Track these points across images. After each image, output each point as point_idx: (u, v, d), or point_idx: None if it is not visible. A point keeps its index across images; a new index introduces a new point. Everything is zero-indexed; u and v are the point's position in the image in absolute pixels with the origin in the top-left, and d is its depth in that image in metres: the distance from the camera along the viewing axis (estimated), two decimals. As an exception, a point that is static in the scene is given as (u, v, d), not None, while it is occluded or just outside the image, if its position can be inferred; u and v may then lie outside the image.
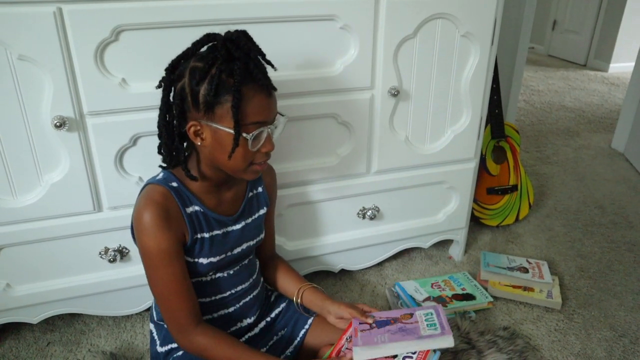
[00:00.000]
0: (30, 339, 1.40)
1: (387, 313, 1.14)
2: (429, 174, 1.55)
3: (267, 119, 0.96)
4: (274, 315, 1.23)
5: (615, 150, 2.76)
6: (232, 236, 1.10)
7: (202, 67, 0.91)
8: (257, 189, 1.18)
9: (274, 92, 0.97)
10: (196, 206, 1.04)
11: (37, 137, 1.14)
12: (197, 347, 1.02)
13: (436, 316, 1.10)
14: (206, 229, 1.05)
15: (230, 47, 0.92)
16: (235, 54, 0.91)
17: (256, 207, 1.17)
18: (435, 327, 1.05)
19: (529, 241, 1.90)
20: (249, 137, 0.94)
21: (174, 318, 1.01)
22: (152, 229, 0.96)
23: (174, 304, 1.00)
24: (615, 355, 1.36)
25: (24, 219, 1.21)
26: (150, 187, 1.01)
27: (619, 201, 2.20)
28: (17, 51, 1.05)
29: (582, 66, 4.73)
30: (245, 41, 0.94)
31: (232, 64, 0.91)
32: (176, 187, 1.02)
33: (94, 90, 1.13)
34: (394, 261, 1.75)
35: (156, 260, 0.98)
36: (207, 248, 1.05)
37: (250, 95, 0.92)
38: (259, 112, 0.94)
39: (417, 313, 1.12)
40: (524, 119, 3.24)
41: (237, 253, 1.12)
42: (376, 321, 1.10)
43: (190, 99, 0.94)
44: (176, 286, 1.00)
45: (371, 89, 1.36)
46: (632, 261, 1.77)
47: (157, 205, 0.97)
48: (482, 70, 1.45)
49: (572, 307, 1.54)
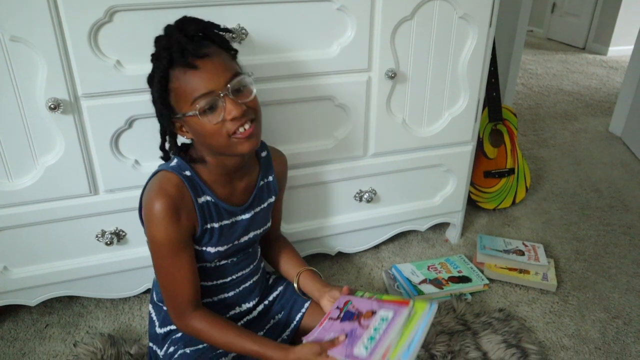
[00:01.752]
0: (28, 321, 1.41)
1: (363, 302, 1.08)
2: (426, 157, 1.55)
3: (208, 91, 0.92)
4: (271, 299, 1.24)
5: (613, 134, 2.76)
6: (240, 225, 1.10)
7: (150, 74, 0.96)
8: (267, 178, 1.17)
9: (207, 59, 0.92)
10: (208, 196, 1.03)
11: (32, 120, 1.14)
12: (192, 330, 1.03)
13: (386, 325, 0.99)
14: (216, 219, 1.05)
15: (162, 40, 0.94)
16: (163, 45, 0.93)
17: (266, 195, 1.16)
18: (373, 339, 0.97)
19: (525, 224, 1.90)
20: (197, 114, 0.92)
21: (174, 302, 1.03)
22: (162, 221, 0.96)
23: (176, 290, 1.01)
24: (608, 336, 1.38)
25: (20, 202, 1.21)
26: (164, 174, 1.00)
27: (615, 184, 2.20)
28: (9, 32, 1.04)
29: (581, 49, 4.71)
30: (173, 29, 0.94)
31: (160, 56, 0.93)
32: (189, 177, 1.01)
33: (88, 72, 1.12)
34: (390, 244, 1.76)
35: (163, 250, 0.98)
36: (215, 238, 1.05)
37: (181, 75, 0.92)
38: (196, 88, 0.92)
39: (379, 313, 1.03)
40: (521, 102, 3.23)
41: (243, 242, 1.12)
42: (345, 311, 1.07)
43: (159, 102, 0.97)
44: (181, 275, 1.01)
45: (368, 71, 1.36)
46: (627, 244, 1.78)
47: (169, 197, 0.96)
48: (480, 53, 1.44)
49: (567, 290, 1.55)
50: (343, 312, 1.06)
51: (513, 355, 1.26)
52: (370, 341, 0.97)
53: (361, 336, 0.98)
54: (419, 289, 1.49)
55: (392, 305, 1.03)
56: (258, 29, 1.02)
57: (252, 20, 1.00)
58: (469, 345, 1.29)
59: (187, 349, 1.06)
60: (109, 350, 1.25)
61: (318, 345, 0.98)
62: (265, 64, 1.24)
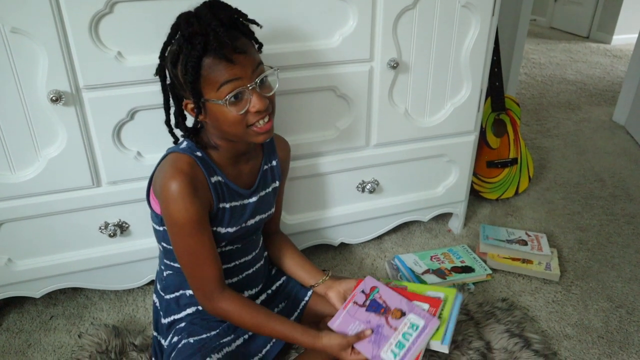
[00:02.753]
0: (33, 313, 1.42)
1: (391, 295, 1.09)
2: (429, 147, 1.54)
3: (236, 77, 0.94)
4: (274, 288, 1.25)
5: (617, 123, 2.75)
6: (248, 208, 1.11)
7: (175, 50, 0.94)
8: (271, 163, 1.18)
9: (242, 54, 0.94)
10: (219, 176, 1.05)
11: (34, 112, 1.14)
12: (222, 312, 1.04)
13: (416, 334, 1.01)
14: (227, 199, 1.06)
15: (193, 22, 0.92)
16: (197, 29, 0.91)
17: (270, 180, 1.18)
18: (402, 346, 0.99)
19: (528, 214, 1.90)
20: (224, 102, 0.94)
21: (200, 285, 1.03)
22: (181, 199, 0.96)
23: (201, 271, 1.02)
24: (611, 326, 1.38)
25: (23, 194, 1.21)
26: (175, 155, 1.01)
27: (619, 174, 2.19)
28: (10, 24, 1.04)
29: (584, 38, 4.67)
30: (206, 13, 0.93)
31: (194, 40, 0.91)
32: (201, 157, 1.03)
33: (89, 63, 1.12)
34: (393, 235, 1.76)
35: (186, 229, 0.99)
36: (227, 218, 1.07)
37: (214, 64, 0.92)
38: (224, 74, 0.93)
39: (409, 317, 1.04)
40: (524, 92, 3.21)
41: (250, 225, 1.13)
42: (372, 300, 1.09)
43: (177, 83, 0.97)
44: (204, 254, 1.01)
45: (370, 61, 1.35)
46: (630, 233, 1.78)
47: (185, 175, 0.97)
48: (483, 42, 1.43)
49: (570, 279, 1.55)
50: (369, 300, 1.07)
51: (516, 344, 1.26)
52: (399, 348, 0.99)
53: (389, 338, 1.01)
54: (422, 279, 1.49)
55: (422, 312, 1.05)
56: (258, 19, 1.02)
57: (253, 11, 0.99)
58: (472, 334, 1.29)
59: (191, 339, 1.07)
60: (113, 341, 1.26)
61: (345, 340, 1.02)
62: (266, 55, 1.23)
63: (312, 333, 1.03)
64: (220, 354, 1.05)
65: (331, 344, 1.01)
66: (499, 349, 1.26)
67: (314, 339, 1.02)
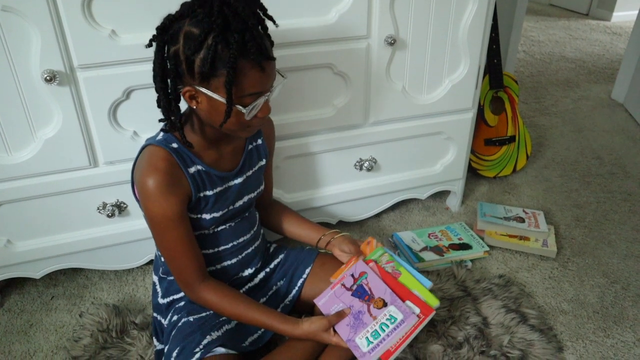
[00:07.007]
0: (34, 293, 1.43)
1: (378, 283, 1.08)
2: (426, 125, 1.54)
3: (263, 90, 0.95)
4: (272, 266, 1.25)
5: (615, 101, 2.73)
6: (233, 190, 1.11)
7: (198, 35, 0.87)
8: (256, 142, 1.18)
9: (272, 61, 0.94)
10: (198, 165, 1.04)
11: (28, 92, 1.13)
12: (203, 301, 1.06)
13: (393, 327, 1.00)
14: (209, 187, 1.06)
15: (227, 13, 0.87)
16: (232, 24, 0.87)
17: (256, 159, 1.17)
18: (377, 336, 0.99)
19: (525, 192, 1.90)
20: (245, 110, 0.94)
21: (181, 276, 1.05)
22: (156, 196, 0.96)
23: (180, 263, 1.03)
24: (606, 301, 1.40)
25: (20, 176, 1.21)
26: (151, 149, 1.00)
27: (617, 152, 2.19)
28: (1, 2, 1.02)
29: (584, 15, 4.62)
30: (243, 7, 0.88)
31: (229, 35, 0.86)
32: (176, 148, 1.01)
33: (83, 42, 1.11)
34: (391, 212, 1.77)
35: (162, 225, 1.00)
36: (210, 204, 1.06)
37: (247, 70, 0.89)
38: (255, 85, 0.92)
39: (389, 308, 1.03)
40: (523, 69, 3.19)
41: (238, 206, 1.13)
42: (358, 285, 1.09)
43: (185, 66, 0.90)
44: (182, 247, 1.02)
45: (367, 38, 1.34)
46: (627, 210, 1.79)
47: (159, 172, 0.97)
48: (481, 18, 1.41)
49: (567, 256, 1.57)
50: (356, 285, 1.08)
51: (513, 319, 1.28)
52: (374, 337, 1.00)
53: (367, 325, 1.01)
54: (420, 257, 1.50)
55: (402, 306, 1.04)
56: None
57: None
58: (469, 310, 1.31)
59: (191, 317, 1.08)
60: (114, 320, 1.27)
61: (326, 320, 1.02)
62: (262, 32, 1.22)
63: (292, 320, 1.03)
64: (220, 331, 1.06)
65: (311, 328, 1.01)
66: (496, 324, 1.27)
67: (294, 325, 1.02)
